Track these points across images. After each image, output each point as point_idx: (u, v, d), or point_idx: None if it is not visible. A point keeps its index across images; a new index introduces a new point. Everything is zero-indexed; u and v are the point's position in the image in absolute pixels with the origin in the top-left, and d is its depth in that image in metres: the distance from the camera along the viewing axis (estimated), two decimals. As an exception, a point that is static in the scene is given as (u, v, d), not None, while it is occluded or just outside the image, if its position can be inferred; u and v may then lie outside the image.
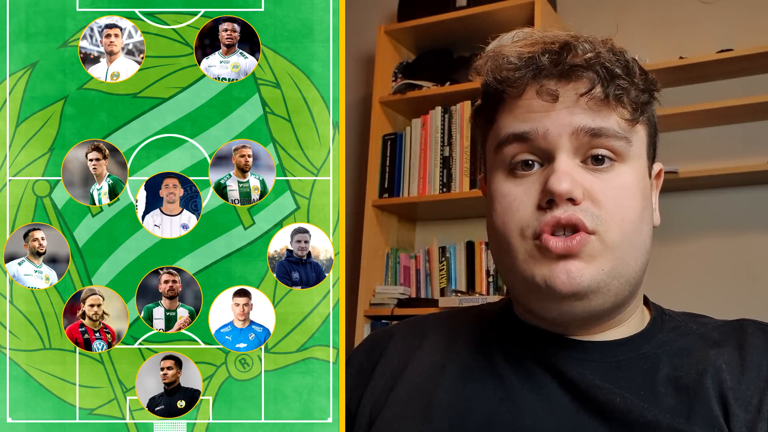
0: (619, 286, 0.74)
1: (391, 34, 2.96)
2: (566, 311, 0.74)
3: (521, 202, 0.74)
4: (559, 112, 0.73)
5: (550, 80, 0.74)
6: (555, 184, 0.71)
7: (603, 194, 0.73)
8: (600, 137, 0.73)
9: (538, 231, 0.73)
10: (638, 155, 0.77)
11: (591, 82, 0.73)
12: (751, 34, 2.56)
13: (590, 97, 0.73)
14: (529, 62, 0.74)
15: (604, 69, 0.73)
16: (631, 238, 0.74)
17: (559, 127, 0.73)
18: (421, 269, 2.87)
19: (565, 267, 0.72)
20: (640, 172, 0.77)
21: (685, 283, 2.57)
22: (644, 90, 0.76)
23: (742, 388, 0.72)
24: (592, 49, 0.74)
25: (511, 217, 0.75)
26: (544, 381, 0.76)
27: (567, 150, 0.73)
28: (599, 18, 2.81)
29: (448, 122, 2.80)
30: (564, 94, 0.74)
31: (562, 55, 0.74)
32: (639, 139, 0.77)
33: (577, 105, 0.73)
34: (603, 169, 0.74)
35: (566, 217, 0.72)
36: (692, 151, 2.59)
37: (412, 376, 0.82)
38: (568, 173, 0.72)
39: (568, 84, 0.74)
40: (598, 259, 0.72)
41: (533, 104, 0.74)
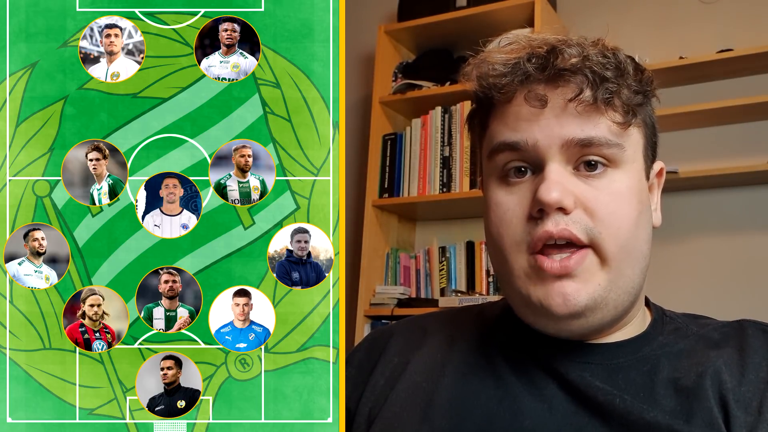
0: (618, 298, 0.74)
1: (391, 34, 2.96)
2: (564, 329, 0.74)
3: (514, 212, 0.74)
4: (548, 120, 0.72)
5: (538, 85, 0.73)
6: (544, 194, 0.71)
7: (596, 202, 0.72)
8: (591, 146, 0.72)
9: (532, 246, 0.72)
10: (632, 159, 0.75)
11: (579, 86, 0.72)
12: (751, 34, 2.56)
13: (579, 101, 0.72)
14: (515, 68, 0.74)
15: (592, 72, 0.72)
16: (627, 247, 0.73)
17: (548, 138, 0.72)
18: (421, 269, 2.87)
19: (560, 289, 0.71)
20: (635, 177, 0.75)
21: (685, 283, 2.57)
22: (638, 91, 0.75)
23: (742, 390, 0.72)
24: (579, 53, 0.73)
25: (505, 229, 0.74)
26: (544, 382, 0.76)
27: (557, 159, 0.73)
28: (599, 18, 2.81)
29: (448, 122, 2.80)
30: (552, 99, 0.73)
31: (548, 59, 0.73)
32: (633, 143, 0.75)
33: (565, 111, 0.72)
34: (596, 175, 0.73)
35: (558, 231, 0.71)
36: (692, 151, 2.59)
37: (412, 376, 0.82)
38: (558, 182, 0.71)
39: (557, 89, 0.73)
40: (595, 275, 0.72)
41: (522, 111, 0.74)
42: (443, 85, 2.83)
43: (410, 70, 2.94)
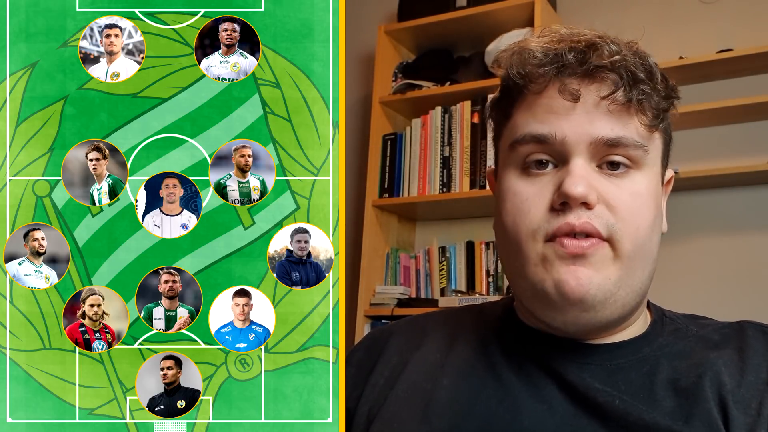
0: (626, 296, 0.74)
1: (391, 34, 2.96)
2: (572, 321, 0.74)
3: (533, 202, 0.73)
4: (579, 116, 0.72)
5: (573, 79, 0.73)
6: (570, 187, 0.70)
7: (618, 200, 0.72)
8: (618, 147, 0.72)
9: (551, 234, 0.72)
10: (653, 163, 0.76)
11: (614, 84, 0.72)
12: (751, 34, 2.56)
13: (612, 100, 0.72)
14: (555, 59, 0.73)
15: (628, 72, 0.72)
16: (642, 248, 0.73)
17: (577, 135, 0.72)
18: (421, 269, 2.87)
19: (575, 272, 0.71)
20: (654, 180, 0.76)
21: (685, 283, 2.57)
22: (666, 97, 0.75)
23: (742, 391, 0.72)
24: (617, 51, 0.72)
25: (522, 218, 0.74)
26: (543, 383, 0.76)
27: (583, 156, 0.72)
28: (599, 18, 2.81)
29: (448, 122, 2.80)
30: (586, 95, 0.72)
31: (587, 54, 0.72)
32: (655, 147, 0.76)
33: (597, 108, 0.72)
34: (618, 174, 0.73)
35: (580, 224, 0.71)
36: (692, 151, 2.59)
37: (412, 375, 0.82)
38: (583, 177, 0.71)
39: (591, 84, 0.72)
40: (608, 268, 0.72)
41: (554, 104, 0.73)
42: (443, 85, 2.83)
43: (410, 70, 2.94)
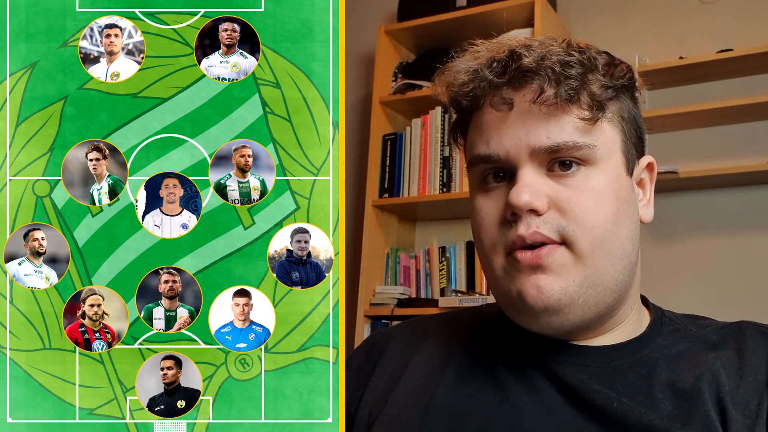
0: (597, 295, 0.73)
1: (391, 34, 2.96)
2: (545, 326, 0.74)
3: (491, 216, 0.75)
4: (514, 124, 0.73)
5: (503, 89, 0.73)
6: (514, 198, 0.71)
7: (569, 201, 0.72)
8: (559, 152, 0.72)
9: (508, 247, 0.74)
10: (608, 155, 0.74)
11: (540, 86, 0.72)
12: (751, 34, 2.56)
13: (542, 101, 0.72)
14: (475, 74, 0.74)
15: (552, 70, 0.72)
16: (603, 244, 0.73)
17: (517, 147, 0.73)
18: (421, 269, 2.87)
19: (535, 281, 0.72)
20: (612, 173, 0.75)
21: (685, 283, 2.57)
22: (608, 86, 0.74)
23: (741, 392, 0.71)
24: (539, 53, 0.73)
25: (483, 232, 0.76)
26: (542, 385, 0.76)
27: (529, 164, 0.73)
28: (599, 18, 2.81)
29: (448, 122, 2.80)
30: (518, 101, 0.73)
31: (508, 62, 0.73)
32: (606, 139, 0.75)
33: (531, 113, 0.72)
34: (570, 174, 0.73)
35: (530, 235, 0.72)
36: (692, 151, 2.59)
37: (411, 378, 0.82)
38: (528, 185, 0.72)
39: (520, 91, 0.73)
40: (569, 271, 0.72)
41: (492, 118, 0.74)
42: (443, 85, 2.82)
43: (410, 70, 2.94)
